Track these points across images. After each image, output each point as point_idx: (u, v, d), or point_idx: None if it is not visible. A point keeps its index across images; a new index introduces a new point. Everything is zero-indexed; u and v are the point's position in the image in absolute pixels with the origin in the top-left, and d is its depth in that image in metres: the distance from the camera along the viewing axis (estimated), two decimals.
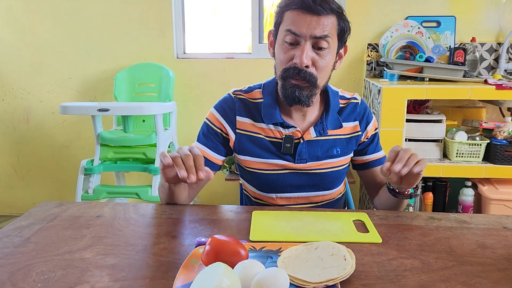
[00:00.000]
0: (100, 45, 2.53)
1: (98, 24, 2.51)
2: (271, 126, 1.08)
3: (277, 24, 1.03)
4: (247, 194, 1.20)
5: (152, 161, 2.17)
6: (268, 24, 2.56)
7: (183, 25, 2.56)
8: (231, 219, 0.95)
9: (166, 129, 2.31)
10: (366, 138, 1.15)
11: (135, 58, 2.51)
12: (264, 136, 1.09)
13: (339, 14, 0.99)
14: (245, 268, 0.66)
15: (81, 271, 0.72)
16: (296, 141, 1.08)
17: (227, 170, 2.37)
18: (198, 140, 1.14)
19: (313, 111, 1.10)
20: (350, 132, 1.12)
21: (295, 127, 1.07)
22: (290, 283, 0.66)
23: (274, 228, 0.89)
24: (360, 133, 1.13)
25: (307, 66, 0.98)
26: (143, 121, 2.42)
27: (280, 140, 1.08)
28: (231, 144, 1.11)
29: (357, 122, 1.13)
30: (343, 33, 1.02)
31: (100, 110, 2.01)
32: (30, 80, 2.60)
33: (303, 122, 1.09)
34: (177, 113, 2.48)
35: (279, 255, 0.75)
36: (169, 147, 2.35)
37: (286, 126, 1.07)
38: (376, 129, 1.18)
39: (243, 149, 1.10)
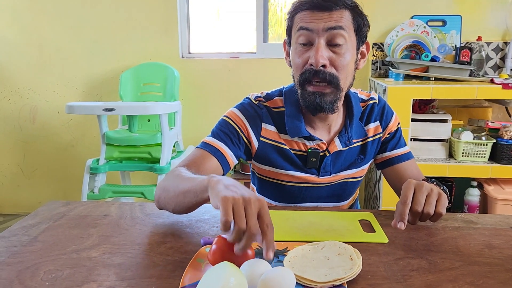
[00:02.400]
0: (105, 45, 2.54)
1: (104, 24, 2.52)
2: (296, 139, 1.03)
3: (289, 30, 0.98)
4: None
5: (157, 161, 2.17)
6: (274, 24, 2.55)
7: (188, 25, 2.56)
8: None
9: (171, 128, 2.31)
10: (388, 134, 1.09)
11: (140, 58, 2.52)
12: (289, 148, 1.03)
13: (353, 8, 0.93)
14: (251, 268, 0.66)
15: (88, 270, 0.73)
16: (321, 154, 1.03)
17: (232, 169, 2.37)
18: (213, 136, 1.02)
19: (337, 119, 1.04)
20: (373, 134, 1.08)
21: (321, 140, 1.02)
22: (297, 283, 0.66)
23: (280, 228, 0.89)
24: (381, 134, 1.09)
25: (324, 66, 0.90)
26: (148, 120, 2.42)
27: (305, 153, 1.03)
28: (253, 151, 1.05)
29: (377, 123, 1.08)
30: (360, 28, 0.94)
31: (105, 109, 2.02)
32: (36, 80, 2.62)
33: (328, 133, 1.04)
34: (182, 112, 2.49)
35: (285, 255, 0.75)
36: (174, 146, 2.35)
37: (311, 138, 1.02)
38: (398, 124, 1.12)
39: (266, 159, 1.05)
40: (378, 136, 1.09)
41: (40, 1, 2.52)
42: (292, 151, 1.03)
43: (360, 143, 1.07)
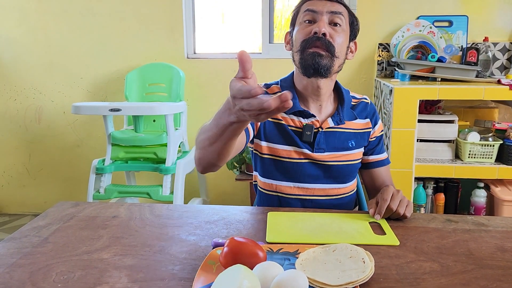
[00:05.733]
0: (111, 45, 2.54)
1: (109, 24, 2.52)
2: (291, 116, 1.12)
3: (294, 19, 1.11)
4: (262, 189, 1.19)
5: (163, 161, 2.17)
6: (280, 24, 2.55)
7: (193, 25, 2.56)
8: (247, 220, 0.95)
9: (177, 129, 2.31)
10: (374, 137, 1.20)
11: (146, 58, 2.52)
12: (286, 123, 1.13)
13: (348, 8, 1.10)
14: (264, 270, 0.66)
15: (100, 272, 0.73)
16: (315, 130, 1.11)
17: (237, 170, 2.37)
18: None
19: (329, 104, 1.15)
20: (362, 128, 1.17)
21: (315, 116, 1.11)
22: (309, 286, 0.66)
23: (291, 230, 0.89)
24: (371, 129, 1.19)
25: (324, 35, 1.03)
26: (154, 121, 2.43)
27: (300, 129, 1.11)
28: (256, 127, 1.14)
29: (368, 120, 1.19)
30: (353, 24, 1.10)
31: (112, 110, 2.02)
32: (41, 80, 2.63)
33: (320, 113, 1.13)
34: (188, 113, 2.49)
35: (297, 257, 0.75)
36: (179, 146, 2.35)
37: (305, 115, 1.11)
38: (382, 131, 1.22)
39: (265, 134, 1.13)
40: (367, 130, 1.18)
41: (47, 2, 2.53)
42: (288, 127, 1.13)
43: (351, 130, 1.15)
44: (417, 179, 2.03)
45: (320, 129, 1.11)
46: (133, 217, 0.96)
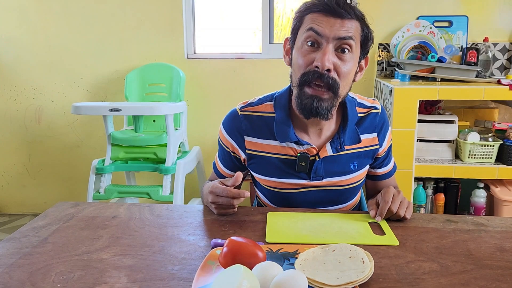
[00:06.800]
0: (111, 45, 2.54)
1: (109, 25, 2.52)
2: (285, 144, 1.02)
3: (295, 30, 0.97)
4: (261, 202, 1.18)
5: (163, 161, 2.17)
6: (280, 24, 2.55)
7: (193, 25, 2.56)
8: (246, 220, 0.95)
9: (177, 129, 2.31)
10: (384, 152, 1.10)
11: (146, 58, 2.52)
12: (276, 154, 1.03)
13: (362, 21, 0.95)
14: (263, 270, 0.66)
15: (99, 272, 0.73)
16: (311, 158, 1.01)
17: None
18: (218, 157, 1.16)
19: (330, 125, 1.04)
20: (368, 145, 1.06)
21: (310, 144, 1.01)
22: (309, 286, 0.66)
23: (290, 230, 0.89)
24: (378, 146, 1.07)
25: (328, 70, 0.90)
26: (154, 121, 2.43)
27: (294, 158, 1.02)
28: (244, 162, 1.09)
29: (375, 134, 1.07)
30: (366, 41, 0.96)
31: (112, 110, 2.02)
32: (41, 80, 2.63)
33: (319, 137, 1.03)
34: (188, 113, 2.49)
35: (296, 257, 0.75)
36: (179, 147, 2.35)
37: (300, 143, 1.01)
38: (390, 140, 1.13)
39: (255, 168, 1.07)
40: (374, 147, 1.07)
41: (47, 2, 2.53)
42: (279, 156, 1.03)
43: (353, 151, 1.04)
44: (417, 179, 2.03)
45: (318, 158, 1.01)
46: (133, 217, 0.96)
